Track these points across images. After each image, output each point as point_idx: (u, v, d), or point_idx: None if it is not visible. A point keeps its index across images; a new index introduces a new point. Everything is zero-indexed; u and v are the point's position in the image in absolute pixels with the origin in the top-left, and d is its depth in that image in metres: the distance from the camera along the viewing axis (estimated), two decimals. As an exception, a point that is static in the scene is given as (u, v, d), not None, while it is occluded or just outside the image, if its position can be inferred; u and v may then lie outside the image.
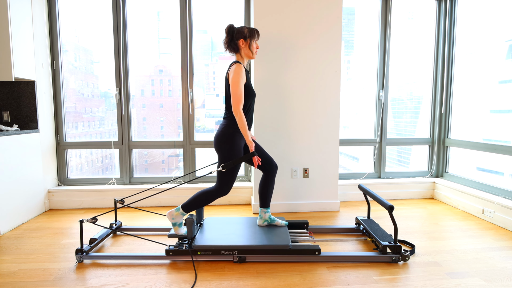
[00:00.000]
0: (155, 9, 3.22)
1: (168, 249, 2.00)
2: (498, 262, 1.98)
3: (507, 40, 2.88)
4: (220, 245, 1.99)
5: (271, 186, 2.30)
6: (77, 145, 3.25)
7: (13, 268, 1.93)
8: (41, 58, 2.97)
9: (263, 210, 2.33)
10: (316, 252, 1.99)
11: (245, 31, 2.11)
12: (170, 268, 1.93)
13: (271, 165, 2.28)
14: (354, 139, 3.47)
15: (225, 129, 2.07)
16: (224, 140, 2.05)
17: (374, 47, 3.43)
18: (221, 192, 2.08)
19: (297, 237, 2.28)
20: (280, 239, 2.07)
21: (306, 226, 2.43)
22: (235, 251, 1.99)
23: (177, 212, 2.12)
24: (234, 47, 2.12)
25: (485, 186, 2.93)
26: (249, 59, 2.19)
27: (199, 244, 2.01)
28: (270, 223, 2.34)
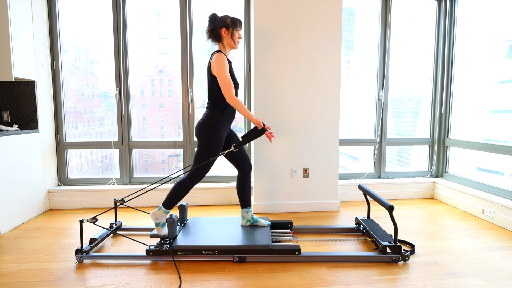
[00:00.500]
0: (155, 9, 3.22)
1: (148, 249, 2.00)
2: (498, 262, 1.98)
3: (507, 40, 2.88)
4: (200, 245, 1.99)
5: (247, 185, 2.31)
6: (77, 145, 3.25)
7: (13, 268, 1.93)
8: (41, 58, 2.97)
9: (244, 210, 2.34)
10: (296, 252, 1.98)
11: (227, 20, 2.11)
12: (170, 268, 1.93)
13: (246, 163, 2.29)
14: (354, 139, 3.47)
15: (207, 118, 2.09)
16: (205, 128, 2.07)
17: (374, 47, 3.43)
18: (195, 178, 2.09)
19: (280, 237, 2.27)
20: (261, 239, 2.07)
21: (290, 226, 2.43)
22: (215, 251, 1.99)
23: (160, 211, 2.12)
24: (216, 36, 2.12)
25: (485, 186, 2.93)
26: (231, 48, 2.19)
27: (180, 244, 2.01)
28: (253, 223, 2.34)
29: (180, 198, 2.12)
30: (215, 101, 2.11)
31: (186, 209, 2.42)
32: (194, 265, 1.97)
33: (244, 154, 2.30)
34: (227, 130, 2.18)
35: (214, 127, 2.07)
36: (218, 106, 2.10)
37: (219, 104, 2.10)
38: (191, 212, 3.02)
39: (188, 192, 2.18)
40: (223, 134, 2.12)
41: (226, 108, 2.12)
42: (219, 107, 2.10)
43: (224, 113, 2.12)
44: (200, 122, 2.10)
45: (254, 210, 2.98)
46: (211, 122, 2.08)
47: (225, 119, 2.13)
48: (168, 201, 2.11)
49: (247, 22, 3.20)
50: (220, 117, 2.10)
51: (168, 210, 2.13)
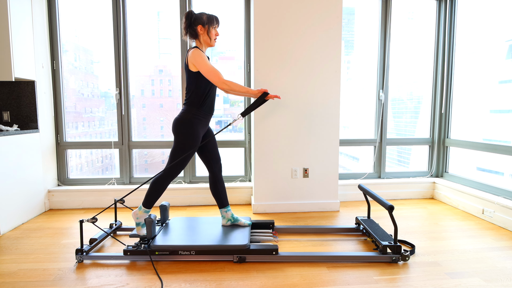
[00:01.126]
0: (155, 9, 3.22)
1: (126, 249, 2.00)
2: (498, 262, 1.98)
3: (507, 40, 2.88)
4: (178, 245, 1.99)
5: (220, 185, 2.31)
6: (77, 145, 3.25)
7: (13, 268, 1.93)
8: (41, 58, 2.97)
9: (223, 210, 2.34)
10: (274, 252, 1.98)
11: (203, 18, 2.11)
12: (170, 268, 1.93)
13: (216, 163, 2.29)
14: (354, 139, 3.47)
15: (184, 114, 2.08)
16: (181, 124, 2.07)
17: (374, 47, 3.43)
18: (172, 175, 2.09)
19: (260, 237, 2.27)
20: (238, 239, 2.07)
21: (272, 226, 2.43)
22: (193, 251, 2.00)
23: (140, 211, 2.13)
24: (193, 33, 2.13)
25: (485, 186, 2.93)
26: (208, 46, 2.19)
27: (157, 244, 2.00)
28: (233, 223, 2.34)
29: (158, 195, 2.12)
30: (192, 98, 2.10)
31: (167, 209, 2.42)
32: (193, 265, 1.97)
33: (216, 154, 2.30)
34: (204, 127, 2.16)
35: (190, 124, 2.07)
36: (194, 102, 2.09)
37: (195, 101, 2.09)
38: (190, 212, 3.02)
39: (165, 189, 2.18)
40: (200, 131, 2.11)
41: (203, 104, 2.11)
42: (195, 103, 2.09)
43: (201, 110, 2.11)
44: (177, 119, 2.09)
45: (254, 210, 2.98)
46: (188, 119, 2.07)
47: (202, 115, 2.12)
48: (147, 200, 2.11)
49: (247, 22, 3.20)
50: (197, 113, 2.10)
51: (148, 209, 2.13)
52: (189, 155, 2.10)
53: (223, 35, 3.30)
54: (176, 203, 3.22)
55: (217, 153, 2.31)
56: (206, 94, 2.11)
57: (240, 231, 2.22)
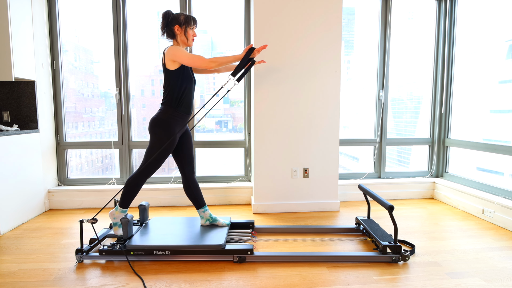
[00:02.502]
0: (155, 9, 3.22)
1: (102, 249, 2.01)
2: (498, 262, 1.98)
3: (507, 40, 2.88)
4: (153, 245, 1.99)
5: (194, 186, 2.30)
6: (77, 145, 3.25)
7: (13, 268, 1.93)
8: (41, 58, 2.97)
9: (200, 210, 2.34)
10: (249, 252, 1.99)
11: (180, 18, 2.11)
12: (170, 268, 1.93)
13: (189, 165, 2.29)
14: (354, 139, 3.47)
15: (161, 114, 2.08)
16: (158, 124, 2.06)
17: (374, 47, 3.43)
18: (147, 174, 2.09)
19: (238, 237, 2.27)
20: (215, 239, 2.07)
21: (252, 226, 2.44)
22: (168, 251, 2.00)
23: (117, 211, 2.13)
24: (170, 33, 2.13)
25: (485, 186, 2.93)
26: (185, 46, 2.19)
27: (133, 244, 2.00)
28: (212, 223, 2.34)
29: (134, 195, 2.12)
30: (169, 98, 2.09)
31: (147, 209, 2.42)
32: (193, 265, 1.97)
33: (189, 156, 2.29)
34: (182, 128, 2.13)
35: (167, 124, 2.06)
36: (171, 102, 2.09)
37: (172, 101, 2.09)
38: (190, 212, 3.02)
39: (140, 189, 2.17)
40: (175, 130, 2.10)
41: (180, 105, 2.10)
42: (172, 103, 2.09)
43: (178, 110, 2.10)
44: (153, 118, 2.09)
45: (254, 210, 2.98)
46: (164, 119, 2.07)
47: (179, 116, 2.11)
48: (123, 199, 2.11)
49: (247, 22, 3.20)
50: (174, 114, 2.09)
51: (125, 209, 2.14)
52: (165, 155, 2.09)
53: (223, 35, 3.30)
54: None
55: (190, 155, 2.31)
56: (183, 94, 2.10)
57: (218, 231, 2.22)
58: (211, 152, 3.36)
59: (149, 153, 2.09)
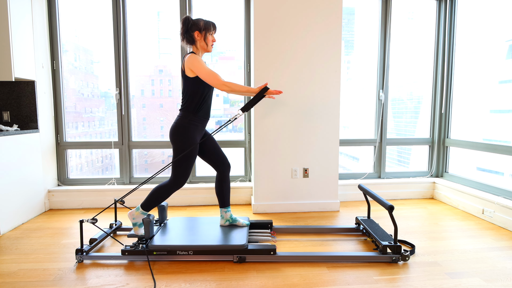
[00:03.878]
0: (155, 9, 3.22)
1: (124, 249, 2.01)
2: (498, 262, 1.98)
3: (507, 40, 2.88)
4: (176, 245, 1.99)
5: (226, 185, 2.30)
6: (77, 145, 3.25)
7: (13, 268, 1.93)
8: (41, 58, 2.97)
9: (223, 210, 2.34)
10: (272, 252, 1.98)
11: (200, 24, 2.11)
12: (170, 267, 1.93)
13: (223, 163, 2.28)
14: (354, 139, 3.47)
15: (180, 120, 2.07)
16: (178, 131, 2.05)
17: (374, 47, 3.43)
18: (176, 184, 2.08)
19: (258, 237, 2.27)
20: (237, 239, 2.07)
21: (270, 226, 2.43)
22: (191, 251, 1.99)
23: (137, 212, 2.12)
24: (190, 38, 2.12)
25: (485, 186, 2.93)
26: (204, 51, 2.18)
27: (155, 244, 2.00)
28: (232, 223, 2.34)
29: (159, 202, 2.11)
30: (188, 103, 2.09)
31: (166, 209, 2.42)
32: (193, 265, 1.97)
33: (221, 154, 2.29)
34: (201, 132, 2.15)
35: (187, 130, 2.06)
36: (191, 108, 2.08)
37: (191, 106, 2.08)
38: (190, 212, 3.02)
39: (168, 197, 2.16)
40: (197, 137, 2.10)
41: (199, 110, 2.10)
42: (192, 109, 2.08)
43: (197, 115, 2.10)
44: (173, 126, 2.08)
45: (254, 210, 2.98)
46: (184, 125, 2.06)
47: (198, 121, 2.11)
48: (147, 203, 2.10)
49: (247, 22, 3.20)
50: (193, 119, 2.08)
51: (146, 212, 2.13)
52: (190, 163, 2.08)
53: (223, 35, 3.30)
54: (176, 203, 3.22)
55: (220, 154, 2.29)
56: (203, 100, 2.10)
57: (239, 231, 2.22)
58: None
59: (175, 163, 2.07)
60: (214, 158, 2.27)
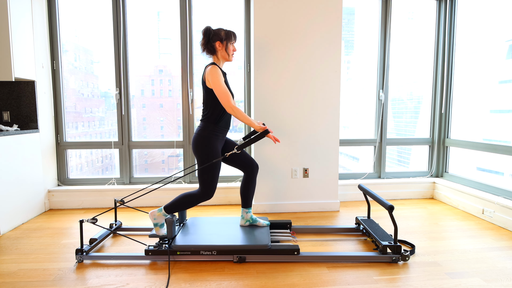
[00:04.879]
0: (155, 9, 3.22)
1: (147, 249, 2.01)
2: (498, 262, 1.98)
3: (507, 40, 2.88)
4: (199, 245, 1.99)
5: (252, 186, 2.30)
6: (77, 145, 3.25)
7: (13, 268, 1.93)
8: (41, 58, 2.97)
9: (244, 210, 2.34)
10: (295, 252, 1.98)
11: (221, 34, 2.11)
12: (165, 268, 1.93)
13: (251, 165, 2.27)
14: (354, 139, 3.47)
15: (202, 131, 2.07)
16: (201, 142, 2.05)
17: (374, 47, 3.43)
18: (204, 196, 2.07)
19: (279, 237, 2.27)
20: (259, 239, 2.07)
21: (289, 226, 2.43)
22: (214, 251, 1.99)
23: (159, 213, 2.12)
24: (211, 49, 2.12)
25: (485, 186, 2.93)
26: (225, 61, 2.18)
27: (179, 244, 2.00)
28: (252, 223, 2.34)
29: (183, 209, 2.11)
30: (209, 114, 2.09)
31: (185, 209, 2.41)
32: (194, 265, 1.97)
33: (248, 157, 2.28)
34: (222, 141, 2.16)
35: (209, 141, 2.05)
36: (211, 118, 2.08)
37: (212, 117, 2.08)
38: (191, 212, 3.02)
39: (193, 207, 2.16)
40: (218, 147, 2.10)
41: (220, 120, 2.10)
42: (212, 119, 2.08)
43: (218, 126, 2.10)
44: (195, 137, 2.08)
45: (254, 210, 2.98)
46: (206, 136, 2.06)
47: (219, 131, 2.11)
48: (171, 207, 2.10)
49: (247, 22, 3.20)
50: (214, 130, 2.08)
51: (167, 214, 2.13)
52: (215, 173, 2.07)
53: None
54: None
55: (247, 155, 2.27)
56: (224, 111, 2.10)
57: (260, 231, 2.21)
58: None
59: (201, 174, 2.06)
60: (241, 162, 2.26)
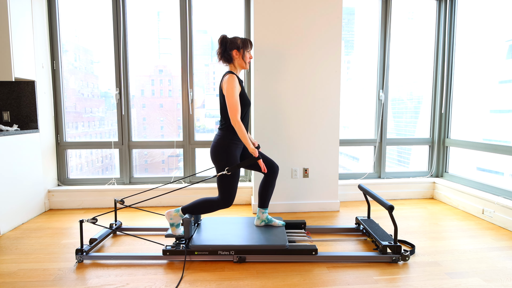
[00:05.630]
0: (155, 9, 3.22)
1: (165, 249, 2.00)
2: (498, 262, 1.98)
3: (507, 40, 2.88)
4: (218, 245, 1.99)
5: (271, 188, 2.30)
6: (77, 145, 3.25)
7: (13, 268, 1.93)
8: (41, 58, 2.97)
9: (261, 210, 2.33)
10: (313, 252, 1.98)
11: (238, 42, 2.11)
12: (169, 268, 1.93)
13: (272, 167, 2.27)
14: (354, 139, 3.47)
15: (221, 140, 2.07)
16: (220, 151, 2.05)
17: (374, 47, 3.43)
18: (224, 204, 2.08)
19: (295, 237, 2.27)
20: (277, 239, 2.07)
21: (304, 226, 2.43)
22: (232, 251, 1.99)
23: (176, 213, 2.12)
24: (228, 57, 2.12)
25: (485, 186, 2.93)
26: (242, 69, 2.19)
27: (197, 244, 2.01)
28: (267, 223, 2.34)
29: (201, 213, 2.12)
30: (228, 123, 2.09)
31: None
32: (194, 265, 1.97)
33: (268, 160, 2.26)
34: (240, 149, 2.16)
35: (228, 149, 2.05)
36: (230, 127, 2.08)
37: (231, 126, 2.08)
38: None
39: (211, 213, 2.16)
40: (237, 155, 2.11)
41: None
42: (231, 128, 2.08)
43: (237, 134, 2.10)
44: (214, 145, 2.07)
45: (254, 210, 2.98)
46: (225, 145, 2.06)
47: (238, 139, 2.11)
48: (189, 209, 2.10)
49: (247, 22, 3.20)
50: (233, 138, 2.08)
51: (184, 215, 2.13)
52: (235, 182, 2.07)
53: (223, 35, 3.30)
54: (175, 203, 3.22)
55: (267, 158, 2.26)
56: (243, 119, 2.11)
57: (276, 231, 2.21)
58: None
59: (221, 182, 2.06)
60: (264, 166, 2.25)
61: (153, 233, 2.49)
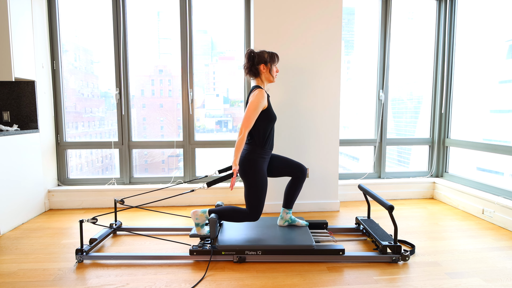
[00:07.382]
0: (155, 9, 3.22)
1: (192, 249, 2.01)
2: (498, 262, 1.98)
3: (507, 40, 2.88)
4: (245, 245, 1.99)
5: (298, 190, 2.29)
6: (77, 145, 3.25)
7: (13, 268, 1.93)
8: (41, 58, 2.97)
9: (285, 210, 2.33)
10: (340, 252, 1.98)
11: (265, 56, 2.12)
12: (168, 268, 1.93)
13: (301, 170, 2.25)
14: (354, 139, 3.47)
15: (248, 155, 2.07)
16: (248, 165, 2.06)
17: (374, 47, 3.43)
18: (251, 217, 2.08)
19: (319, 237, 2.27)
20: (303, 239, 2.06)
21: (326, 226, 2.42)
22: (259, 251, 1.99)
23: (202, 214, 2.12)
24: (255, 71, 2.13)
25: (485, 186, 2.93)
26: (269, 82, 2.20)
27: (223, 244, 2.00)
28: (290, 223, 2.34)
29: (227, 220, 2.12)
30: (255, 138, 2.09)
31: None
32: (194, 264, 1.97)
33: (294, 164, 2.25)
34: (267, 163, 2.17)
35: (256, 164, 2.06)
36: (258, 142, 2.09)
37: (259, 141, 2.09)
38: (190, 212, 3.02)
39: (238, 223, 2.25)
40: (265, 168, 2.12)
41: (266, 143, 2.11)
42: (259, 143, 2.09)
43: (265, 148, 2.11)
44: (242, 161, 2.07)
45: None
46: (253, 159, 2.06)
47: (266, 153, 2.12)
48: (218, 214, 2.10)
49: (247, 22, 3.20)
50: (261, 153, 2.09)
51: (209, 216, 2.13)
52: (263, 194, 2.07)
53: (223, 35, 3.31)
54: (175, 203, 3.22)
55: (293, 163, 2.26)
56: (269, 133, 2.12)
57: (301, 231, 2.21)
58: (211, 152, 3.36)
59: (248, 195, 2.07)
60: (289, 170, 2.24)
61: (153, 233, 2.49)
